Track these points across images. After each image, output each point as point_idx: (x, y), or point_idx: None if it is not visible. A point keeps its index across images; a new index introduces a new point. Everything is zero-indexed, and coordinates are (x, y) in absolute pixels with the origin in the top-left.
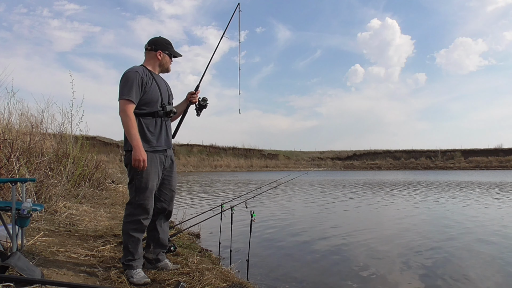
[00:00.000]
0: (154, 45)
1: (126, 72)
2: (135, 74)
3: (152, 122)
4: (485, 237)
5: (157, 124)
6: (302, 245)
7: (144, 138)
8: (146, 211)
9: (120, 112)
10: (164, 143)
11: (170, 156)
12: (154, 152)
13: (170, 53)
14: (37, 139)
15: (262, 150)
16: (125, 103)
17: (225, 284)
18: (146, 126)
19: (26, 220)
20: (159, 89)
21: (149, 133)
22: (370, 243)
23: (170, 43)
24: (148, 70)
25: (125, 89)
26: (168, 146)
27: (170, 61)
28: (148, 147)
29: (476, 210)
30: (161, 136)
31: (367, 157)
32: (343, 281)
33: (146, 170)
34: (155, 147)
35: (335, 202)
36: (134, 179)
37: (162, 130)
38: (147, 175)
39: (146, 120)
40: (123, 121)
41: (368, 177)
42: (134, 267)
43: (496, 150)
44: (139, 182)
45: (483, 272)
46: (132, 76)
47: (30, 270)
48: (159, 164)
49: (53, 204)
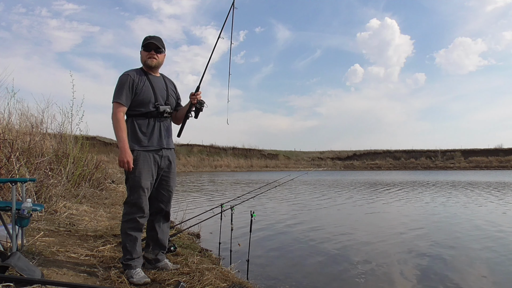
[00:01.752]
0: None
1: (121, 75)
2: (126, 77)
3: (145, 123)
4: (485, 237)
5: (149, 124)
6: (302, 245)
7: (136, 138)
8: (141, 210)
9: (112, 114)
10: (156, 143)
11: (167, 156)
12: (146, 151)
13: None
14: (37, 139)
15: (262, 150)
16: (115, 106)
17: (225, 284)
18: (138, 127)
19: (26, 220)
20: (152, 90)
21: (141, 133)
22: (370, 243)
23: (147, 36)
24: (143, 72)
25: (116, 92)
26: (160, 146)
27: (146, 54)
28: (139, 146)
29: (476, 210)
30: (153, 136)
31: (367, 157)
32: (343, 281)
33: (138, 169)
34: (146, 146)
35: (335, 202)
36: (128, 178)
37: (155, 130)
38: (139, 173)
39: (139, 120)
40: (112, 123)
41: (368, 177)
42: (133, 267)
43: (496, 150)
44: (132, 180)
45: (484, 273)
46: (124, 79)
47: (30, 270)
48: (153, 163)
49: (53, 204)
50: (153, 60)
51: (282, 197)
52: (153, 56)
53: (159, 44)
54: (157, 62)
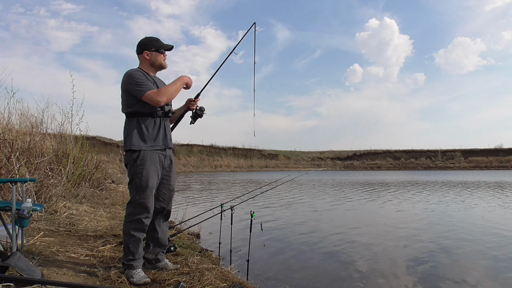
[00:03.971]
0: (140, 48)
1: (129, 73)
2: (139, 72)
3: (151, 122)
4: (485, 237)
5: (156, 124)
6: (303, 245)
7: (142, 138)
8: (147, 210)
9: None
10: (161, 143)
11: (169, 156)
12: (153, 150)
13: (157, 48)
14: (37, 139)
15: (262, 150)
16: (149, 96)
17: (225, 284)
18: (145, 126)
19: (26, 220)
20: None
21: (147, 133)
22: (371, 244)
23: (156, 39)
24: (145, 72)
25: (137, 87)
26: (165, 145)
27: (161, 56)
28: (146, 146)
29: (476, 210)
30: (159, 135)
31: (367, 157)
32: (343, 281)
33: (146, 169)
34: (153, 146)
35: (335, 202)
36: (134, 178)
37: (161, 130)
38: (147, 173)
39: (145, 120)
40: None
41: (368, 177)
42: (134, 267)
43: (496, 150)
44: (139, 180)
45: (484, 274)
46: (137, 73)
47: (30, 270)
48: (158, 163)
49: (53, 204)
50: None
51: (282, 197)
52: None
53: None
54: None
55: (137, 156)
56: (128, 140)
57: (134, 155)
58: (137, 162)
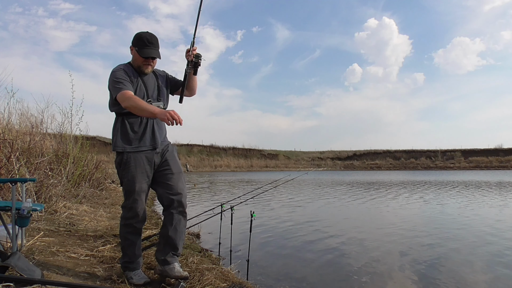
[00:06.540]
0: (132, 41)
1: (113, 70)
2: (121, 71)
3: (137, 121)
4: (484, 238)
5: (142, 123)
6: (303, 245)
7: (127, 139)
8: (137, 215)
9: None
10: (149, 143)
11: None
12: (138, 152)
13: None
14: (37, 139)
15: (262, 150)
16: (121, 96)
17: (225, 284)
18: (130, 126)
19: (26, 220)
20: (144, 86)
21: (132, 133)
22: (371, 244)
23: (145, 39)
24: (132, 67)
25: (116, 85)
26: (153, 145)
27: (140, 59)
28: (131, 148)
29: (476, 210)
30: (145, 135)
31: (367, 157)
32: (343, 281)
33: (131, 172)
34: (137, 147)
35: (335, 202)
36: (122, 182)
37: (147, 129)
38: (133, 177)
39: (130, 119)
40: (132, 108)
41: (368, 177)
42: (131, 269)
43: (496, 150)
44: (126, 184)
45: (484, 274)
46: (119, 71)
47: (30, 270)
48: (147, 163)
49: (53, 204)
50: (149, 68)
51: (282, 197)
52: (149, 63)
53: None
54: (151, 68)
55: (121, 159)
56: (113, 141)
57: (119, 158)
58: (121, 166)
